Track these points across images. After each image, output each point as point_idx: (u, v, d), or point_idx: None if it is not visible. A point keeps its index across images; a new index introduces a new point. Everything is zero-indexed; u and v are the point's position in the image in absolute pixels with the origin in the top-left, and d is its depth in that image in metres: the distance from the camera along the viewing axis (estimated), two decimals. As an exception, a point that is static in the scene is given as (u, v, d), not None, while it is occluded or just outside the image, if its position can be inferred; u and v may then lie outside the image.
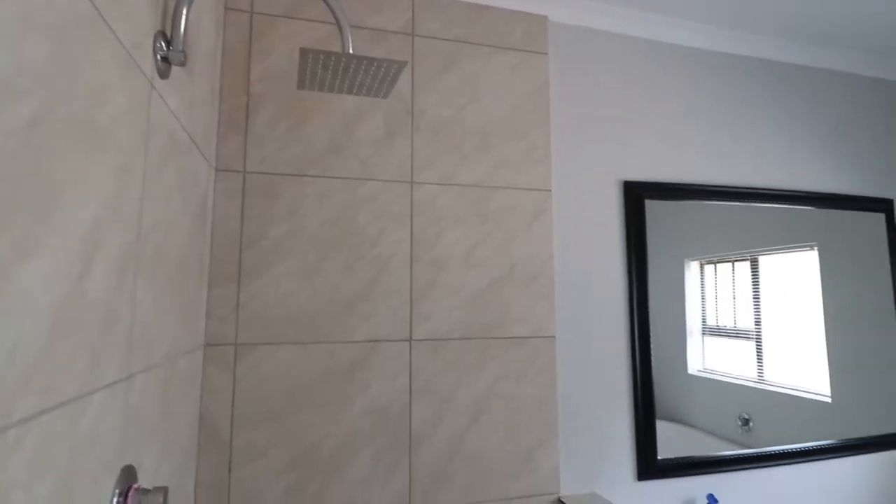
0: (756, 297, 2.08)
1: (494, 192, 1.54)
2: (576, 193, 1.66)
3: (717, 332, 1.97)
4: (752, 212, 1.99)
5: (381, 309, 1.41)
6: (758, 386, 2.02)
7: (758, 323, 2.08)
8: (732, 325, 2.01)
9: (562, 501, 1.45)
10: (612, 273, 1.68)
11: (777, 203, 1.95)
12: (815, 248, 2.10)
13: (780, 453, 1.78)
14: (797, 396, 2.03)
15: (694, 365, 1.89)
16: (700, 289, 1.94)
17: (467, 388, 1.44)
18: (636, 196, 1.71)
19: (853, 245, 2.08)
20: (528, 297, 1.53)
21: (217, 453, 1.24)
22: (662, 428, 1.71)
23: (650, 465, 1.60)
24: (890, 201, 2.08)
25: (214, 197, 1.32)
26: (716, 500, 1.60)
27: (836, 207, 2.03)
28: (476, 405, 1.44)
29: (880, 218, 2.08)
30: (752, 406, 1.93)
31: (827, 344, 2.03)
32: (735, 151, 1.89)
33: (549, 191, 1.60)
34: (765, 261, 2.11)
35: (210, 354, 1.27)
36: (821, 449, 1.84)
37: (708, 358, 1.92)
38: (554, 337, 1.54)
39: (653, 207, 1.81)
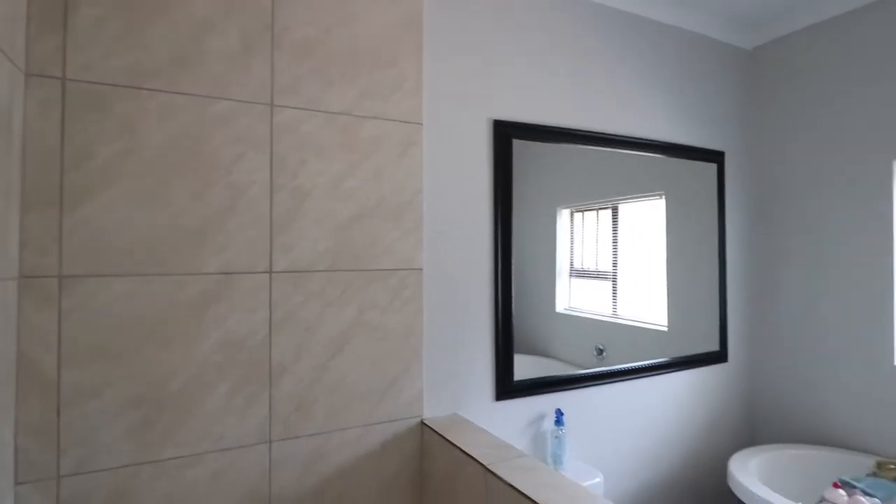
0: (615, 241, 2.29)
1: (363, 122, 1.49)
2: (447, 128, 1.67)
3: (582, 273, 2.14)
4: (614, 163, 2.15)
5: (237, 240, 1.33)
6: (612, 320, 2.26)
7: (615, 265, 2.29)
8: (595, 267, 2.20)
9: (425, 423, 1.53)
10: (480, 210, 1.73)
11: (633, 150, 2.12)
12: (663, 196, 2.34)
13: (616, 371, 2.02)
14: (642, 327, 2.30)
15: (561, 304, 2.05)
16: (570, 235, 2.09)
17: (332, 320, 1.44)
18: (504, 135, 1.76)
19: (692, 192, 2.35)
20: (396, 230, 1.54)
21: (41, 396, 1.12)
22: (530, 362, 1.86)
23: (507, 387, 1.74)
24: (722, 153, 2.36)
25: (25, 107, 1.13)
26: (562, 413, 1.79)
27: (681, 157, 2.27)
28: (341, 336, 1.45)
29: (714, 168, 2.36)
30: (606, 338, 2.15)
31: (667, 281, 2.31)
32: (598, 99, 2.01)
33: (420, 124, 1.59)
34: (623, 208, 2.32)
35: (27, 287, 1.12)
36: (652, 367, 2.12)
37: (574, 297, 2.09)
38: (421, 269, 1.58)
39: (528, 155, 1.89)
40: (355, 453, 1.45)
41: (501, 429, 1.72)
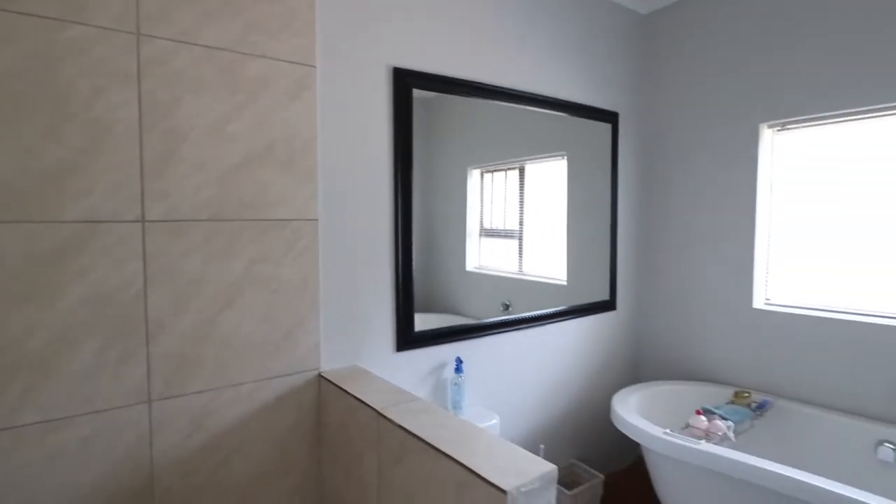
0: (521, 201, 2.35)
1: (248, 60, 1.39)
2: (343, 74, 1.60)
3: (491, 233, 2.19)
4: (521, 124, 2.19)
5: (101, 184, 1.20)
6: (518, 277, 2.34)
7: (521, 224, 2.37)
8: (503, 226, 2.25)
9: (322, 376, 1.52)
10: (379, 161, 1.70)
11: (534, 106, 2.17)
12: (565, 156, 2.43)
13: (514, 320, 2.12)
14: (545, 282, 2.42)
15: (471, 263, 2.09)
16: (479, 195, 2.11)
17: (219, 272, 1.36)
18: (404, 83, 1.72)
19: (591, 153, 2.46)
20: (288, 178, 1.46)
21: None
22: (440, 320, 1.89)
23: (408, 337, 1.76)
24: (616, 114, 2.48)
25: None
26: (461, 361, 1.85)
27: (580, 116, 2.35)
28: (230, 289, 1.38)
29: (609, 128, 2.48)
30: (512, 293, 2.23)
31: (567, 238, 2.43)
32: (500, 53, 2.01)
33: (314, 67, 1.50)
34: (530, 168, 2.37)
35: None
36: (547, 315, 2.24)
37: (483, 256, 2.13)
38: (317, 220, 1.53)
39: (441, 115, 1.87)
40: (249, 408, 1.41)
41: (403, 378, 1.75)
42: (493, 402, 2.04)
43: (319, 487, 1.53)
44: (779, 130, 2.22)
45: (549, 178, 2.37)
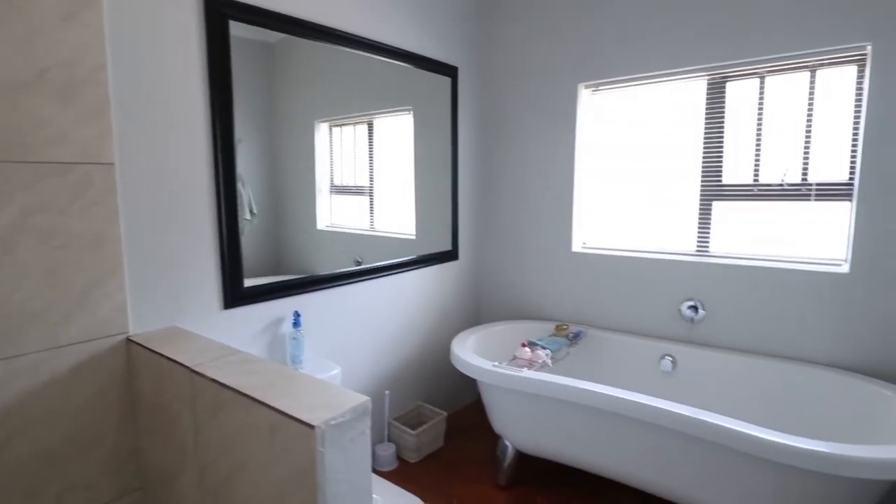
0: (371, 157, 2.31)
1: (-1, -37, 1.12)
2: (138, -6, 1.38)
3: (342, 189, 2.11)
4: (368, 77, 2.12)
5: None
6: (369, 234, 2.32)
7: (371, 180, 2.33)
8: (353, 183, 2.19)
9: (132, 340, 1.36)
10: (193, 103, 1.52)
11: (379, 55, 2.11)
12: (412, 111, 2.42)
13: (356, 272, 2.12)
14: (395, 237, 2.43)
15: (323, 221, 2.00)
16: (329, 150, 2.01)
17: (-24, 225, 1.12)
18: (219, 14, 1.55)
19: (435, 107, 2.49)
20: (70, 113, 1.24)
21: None
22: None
23: (237, 293, 1.66)
24: (455, 68, 2.53)
25: None
26: (299, 315, 1.80)
27: (424, 68, 2.35)
28: (-5, 245, 1.15)
29: (449, 83, 2.53)
30: (364, 250, 2.21)
31: (415, 193, 2.46)
32: (331, -9, 1.90)
33: (96, -19, 1.27)
34: (378, 123, 2.33)
35: None
36: (389, 266, 2.28)
37: (335, 214, 2.06)
38: (113, 164, 1.33)
39: (285, 65, 1.72)
40: (32, 383, 1.22)
41: (234, 337, 1.66)
42: (336, 354, 2.04)
43: (136, 458, 1.40)
44: (593, 91, 2.47)
45: (397, 133, 2.36)
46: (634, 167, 2.41)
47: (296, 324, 1.79)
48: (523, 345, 2.08)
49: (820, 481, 1.38)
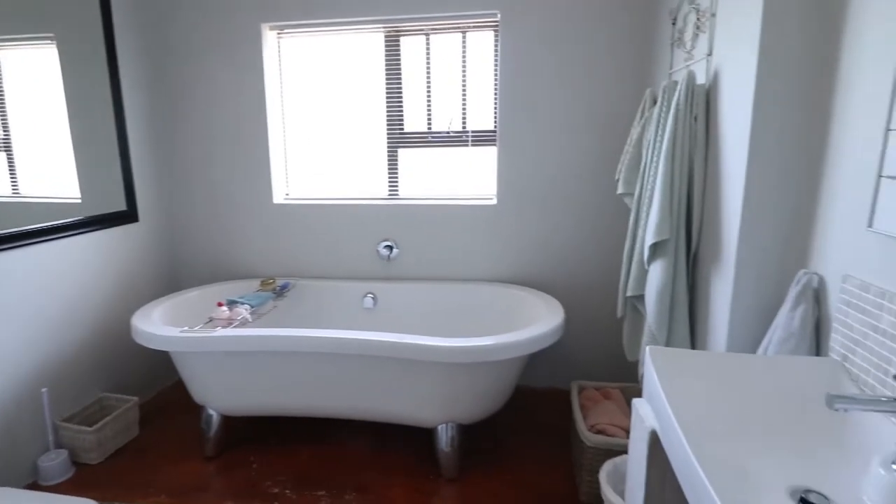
0: (2, 102, 1.74)
1: None
2: None
3: None
4: None
5: None
6: (13, 201, 1.79)
7: (6, 130, 1.78)
8: None
9: None
10: None
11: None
12: (55, 41, 1.90)
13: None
14: (54, 203, 1.92)
15: None
16: None
17: None
18: None
19: (86, 35, 2.01)
20: None
21: None
22: None
23: None
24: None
25: None
26: None
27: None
28: None
29: (98, 3, 2.06)
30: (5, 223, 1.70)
31: (73, 146, 1.96)
32: None
33: None
34: (5, 56, 1.76)
35: None
36: (33, 233, 1.80)
37: None
38: None
39: None
40: None
41: None
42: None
43: None
44: (279, 34, 2.36)
45: (38, 69, 1.86)
46: (330, 117, 2.43)
47: None
48: (219, 304, 1.93)
49: (472, 369, 1.69)
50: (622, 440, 1.57)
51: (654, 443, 0.92)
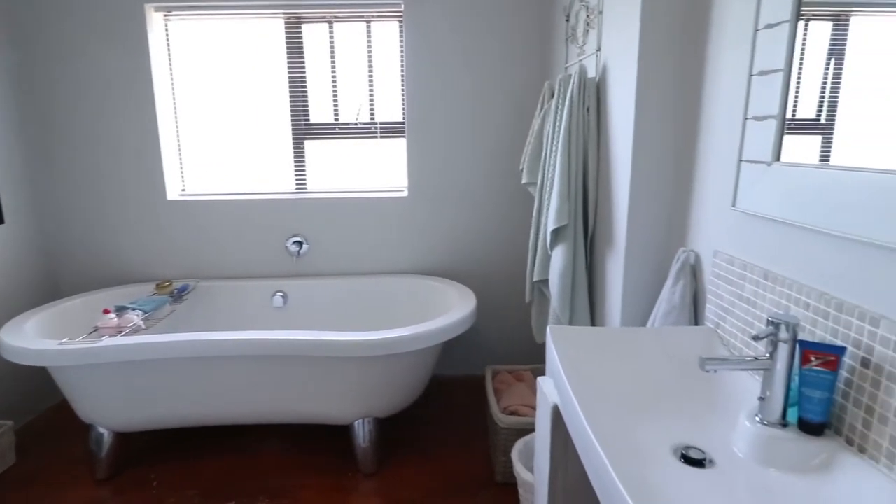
0: None
1: None
2: None
3: None
4: None
5: None
6: None
7: None
8: None
9: None
10: None
11: None
12: None
13: None
14: None
15: None
16: None
17: None
18: None
19: None
20: None
21: None
22: None
23: None
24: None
25: None
26: None
27: None
28: None
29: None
30: None
31: None
32: None
33: None
34: None
35: None
36: None
37: None
38: None
39: None
40: None
41: None
42: None
43: None
44: (166, 16, 2.18)
45: None
46: (230, 107, 2.29)
47: None
48: (106, 311, 1.76)
49: (388, 361, 1.68)
50: (532, 419, 1.63)
51: (557, 417, 0.96)
